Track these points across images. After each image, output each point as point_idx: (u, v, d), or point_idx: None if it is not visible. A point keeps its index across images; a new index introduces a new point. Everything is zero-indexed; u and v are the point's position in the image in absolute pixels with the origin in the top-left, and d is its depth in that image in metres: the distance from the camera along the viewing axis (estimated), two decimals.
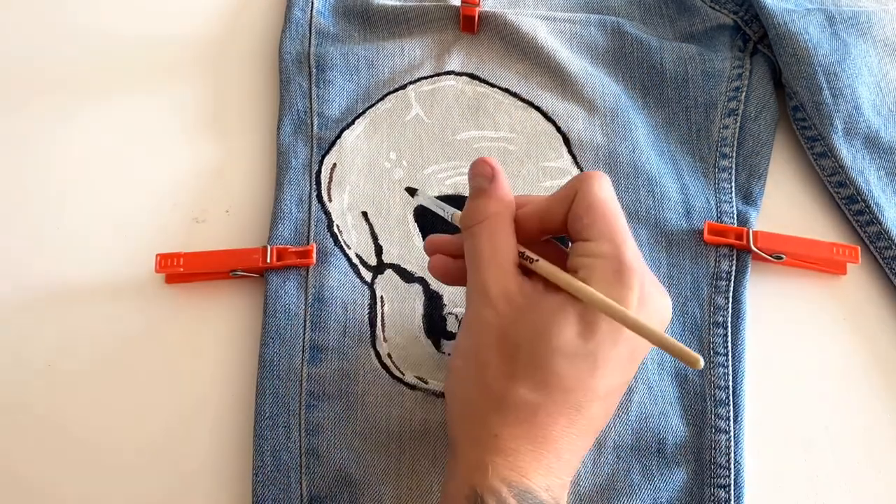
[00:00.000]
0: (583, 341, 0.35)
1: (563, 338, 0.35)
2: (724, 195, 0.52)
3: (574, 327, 0.35)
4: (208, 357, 0.48)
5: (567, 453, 0.36)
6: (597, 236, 0.36)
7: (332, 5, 0.59)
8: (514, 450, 0.35)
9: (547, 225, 0.38)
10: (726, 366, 0.47)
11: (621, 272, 0.35)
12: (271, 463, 0.44)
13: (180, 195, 0.53)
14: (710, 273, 0.50)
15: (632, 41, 0.57)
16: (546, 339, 0.35)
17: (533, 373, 0.35)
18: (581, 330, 0.35)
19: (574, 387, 0.35)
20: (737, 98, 0.55)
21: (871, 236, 0.51)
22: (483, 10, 0.57)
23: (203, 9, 0.60)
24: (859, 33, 0.55)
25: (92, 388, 0.47)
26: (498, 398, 0.35)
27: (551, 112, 0.54)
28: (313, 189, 0.51)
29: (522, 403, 0.35)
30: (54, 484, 0.45)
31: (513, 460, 0.34)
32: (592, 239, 0.36)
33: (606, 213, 0.36)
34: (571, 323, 0.35)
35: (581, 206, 0.36)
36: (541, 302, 0.36)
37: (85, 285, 0.50)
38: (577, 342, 0.35)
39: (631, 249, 0.36)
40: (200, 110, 0.56)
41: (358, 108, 0.55)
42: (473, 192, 0.39)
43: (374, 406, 0.46)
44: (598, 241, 0.36)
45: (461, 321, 0.38)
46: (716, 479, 0.44)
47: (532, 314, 0.35)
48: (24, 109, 0.56)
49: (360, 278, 0.49)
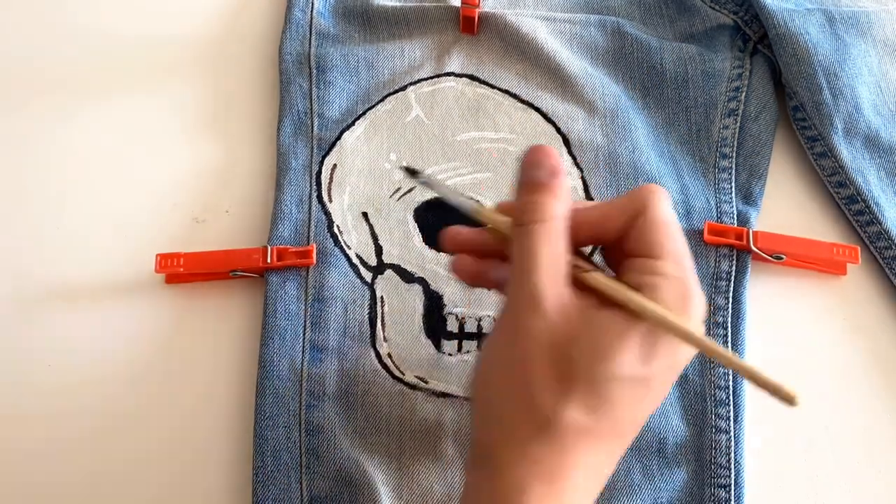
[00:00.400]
0: (642, 366, 0.33)
1: (625, 360, 0.32)
2: (724, 195, 0.52)
3: (636, 350, 0.32)
4: (208, 357, 0.48)
5: (602, 477, 0.34)
6: (664, 255, 0.34)
7: (332, 6, 0.59)
8: (556, 478, 0.32)
9: (600, 233, 0.36)
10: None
11: (687, 297, 0.33)
12: (271, 463, 0.44)
13: (180, 195, 0.53)
14: (710, 273, 0.50)
15: (632, 41, 0.57)
16: (607, 361, 0.32)
17: (588, 395, 0.32)
18: (642, 354, 0.33)
19: (624, 413, 0.33)
20: (737, 98, 0.55)
21: (871, 236, 0.51)
22: (483, 11, 0.57)
23: (203, 9, 0.60)
24: (859, 33, 0.55)
25: (92, 389, 0.47)
26: (544, 419, 0.32)
27: (551, 113, 0.54)
28: (313, 190, 0.51)
29: (571, 426, 0.32)
30: (54, 484, 0.45)
31: (558, 488, 0.32)
32: (660, 258, 0.34)
33: (675, 233, 0.35)
34: (635, 346, 0.32)
35: (650, 222, 0.34)
36: (599, 319, 0.33)
37: (85, 285, 0.50)
38: (637, 367, 0.32)
39: (695, 273, 0.34)
40: (200, 110, 0.56)
41: (358, 110, 0.55)
42: (530, 184, 0.35)
43: (374, 406, 0.46)
44: (666, 261, 0.34)
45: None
46: (716, 479, 0.44)
47: (591, 331, 0.33)
48: (24, 109, 0.56)
49: (360, 278, 0.49)
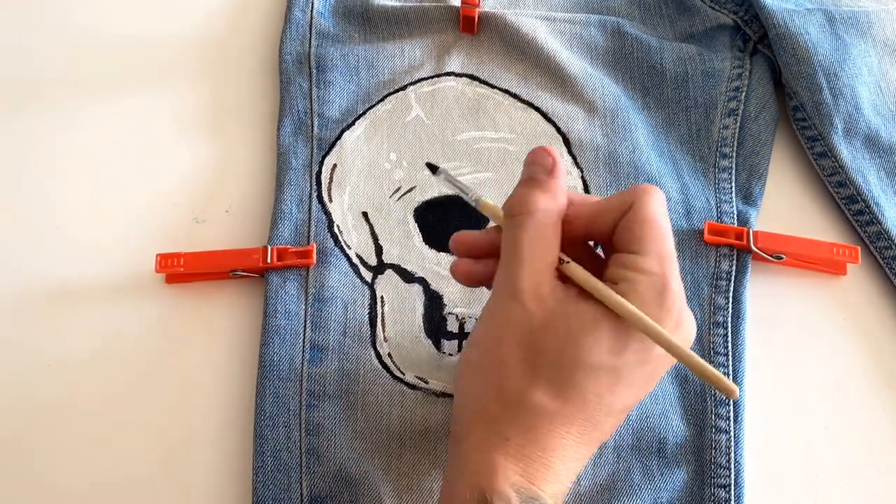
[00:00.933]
0: (611, 357, 0.34)
1: (593, 351, 0.34)
2: (724, 195, 0.52)
3: (606, 342, 0.34)
4: (208, 357, 0.48)
5: (573, 461, 0.35)
6: (645, 251, 0.35)
7: (332, 6, 0.59)
8: (525, 455, 0.34)
9: (593, 229, 0.37)
10: (726, 366, 0.47)
11: (664, 294, 0.34)
12: (271, 463, 0.44)
13: (180, 195, 0.53)
14: (711, 273, 0.50)
15: (632, 41, 0.57)
16: (575, 349, 0.34)
17: (554, 380, 0.34)
18: (612, 346, 0.34)
19: (593, 400, 0.34)
20: (737, 98, 0.55)
21: (871, 236, 0.51)
22: (483, 11, 0.57)
23: (203, 9, 0.60)
24: (859, 33, 0.55)
25: (92, 388, 0.47)
26: (514, 400, 0.34)
27: (551, 113, 0.54)
28: (313, 189, 0.51)
29: (538, 409, 0.34)
30: (54, 483, 0.45)
31: (523, 466, 0.34)
32: (640, 253, 0.35)
33: (660, 231, 0.35)
34: (604, 337, 0.34)
35: (635, 219, 0.35)
36: (574, 309, 0.35)
37: (85, 285, 0.50)
38: (606, 357, 0.34)
39: (676, 271, 0.35)
40: (200, 110, 0.56)
41: (358, 109, 0.55)
42: (526, 180, 0.37)
43: (374, 406, 0.46)
44: (646, 257, 0.35)
45: (482, 312, 0.37)
46: (716, 479, 0.44)
47: (563, 320, 0.34)
48: (24, 109, 0.56)
49: (360, 278, 0.49)
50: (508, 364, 0.35)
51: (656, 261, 0.35)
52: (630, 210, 0.36)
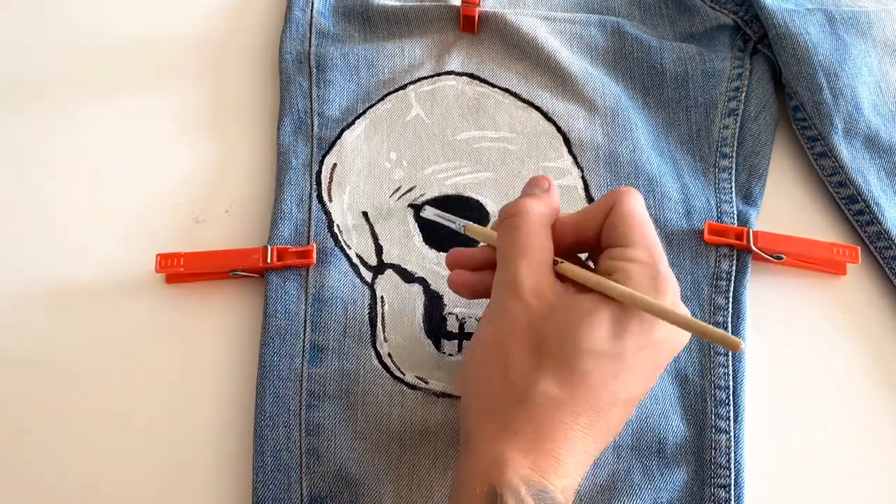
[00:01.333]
0: (612, 342, 0.35)
1: (594, 336, 0.35)
2: (724, 195, 0.52)
3: (606, 327, 0.35)
4: (208, 357, 0.48)
5: (581, 454, 0.36)
6: (633, 244, 0.37)
7: (332, 5, 0.59)
8: (534, 448, 0.34)
9: (582, 236, 0.39)
10: (726, 366, 0.47)
11: (657, 279, 0.36)
12: (271, 463, 0.44)
13: (180, 195, 0.53)
14: (711, 273, 0.50)
15: (632, 41, 0.57)
16: (576, 336, 0.35)
17: (559, 368, 0.35)
18: (612, 331, 0.35)
19: (598, 386, 0.35)
20: (737, 98, 0.55)
21: (871, 236, 0.51)
22: (483, 10, 0.57)
23: (203, 9, 0.60)
24: (859, 33, 0.55)
25: (92, 388, 0.47)
26: (520, 393, 0.35)
27: (551, 112, 0.54)
28: (313, 189, 0.51)
29: (545, 399, 0.35)
30: (54, 482, 0.45)
31: (532, 459, 0.34)
32: (629, 245, 0.37)
33: (643, 224, 0.38)
34: (604, 322, 0.35)
35: (619, 216, 0.37)
36: (573, 300, 0.36)
37: (85, 285, 0.50)
38: (607, 342, 0.35)
39: (664, 257, 0.37)
40: (200, 110, 0.56)
41: (358, 109, 0.55)
42: (522, 196, 0.40)
43: (374, 406, 0.46)
44: (635, 248, 0.37)
45: (484, 312, 0.38)
46: (716, 479, 0.44)
47: (564, 311, 0.36)
48: (24, 109, 0.56)
49: (360, 278, 0.49)
50: (514, 357, 0.36)
51: (644, 250, 0.37)
52: (612, 210, 0.38)
